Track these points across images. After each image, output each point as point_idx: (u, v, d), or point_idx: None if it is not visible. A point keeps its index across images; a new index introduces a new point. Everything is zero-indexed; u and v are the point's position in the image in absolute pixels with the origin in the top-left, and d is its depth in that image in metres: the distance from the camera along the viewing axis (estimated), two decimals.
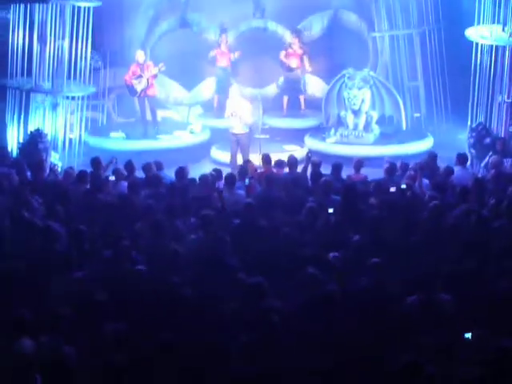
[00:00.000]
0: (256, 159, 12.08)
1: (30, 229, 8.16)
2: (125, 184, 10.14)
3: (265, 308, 6.34)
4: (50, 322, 6.16)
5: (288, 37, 16.30)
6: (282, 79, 16.31)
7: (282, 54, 15.96)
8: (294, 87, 16.18)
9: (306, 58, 15.89)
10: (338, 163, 10.71)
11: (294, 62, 15.96)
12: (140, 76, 14.60)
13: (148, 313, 6.43)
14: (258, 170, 11.18)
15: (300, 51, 15.90)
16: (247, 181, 10.25)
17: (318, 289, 6.59)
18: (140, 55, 14.84)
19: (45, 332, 6.09)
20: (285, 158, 11.26)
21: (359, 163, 10.93)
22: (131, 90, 14.81)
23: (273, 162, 11.08)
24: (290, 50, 15.93)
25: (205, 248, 7.81)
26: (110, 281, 7.04)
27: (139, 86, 14.63)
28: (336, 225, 8.46)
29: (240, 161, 13.25)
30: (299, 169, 11.05)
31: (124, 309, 6.48)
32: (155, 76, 14.73)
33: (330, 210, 8.73)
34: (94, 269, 7.33)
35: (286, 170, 10.93)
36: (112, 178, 10.51)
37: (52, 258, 7.45)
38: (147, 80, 14.60)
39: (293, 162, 10.98)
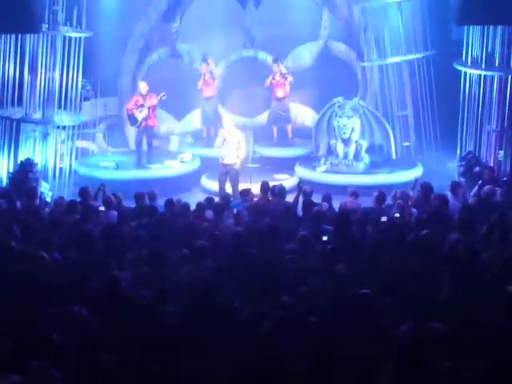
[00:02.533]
0: (253, 188, 12.00)
1: (19, 257, 8.09)
2: (115, 213, 10.11)
3: None
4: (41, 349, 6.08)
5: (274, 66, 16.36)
6: (268, 111, 16.37)
7: (268, 80, 15.94)
8: (281, 117, 16.24)
9: (287, 82, 15.81)
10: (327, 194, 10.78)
11: (279, 92, 16.01)
12: (142, 105, 14.61)
13: (142, 342, 6.36)
14: (255, 199, 11.15)
15: (282, 80, 15.91)
16: (235, 210, 10.23)
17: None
18: (143, 86, 14.82)
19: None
20: None
21: (356, 192, 11.00)
22: (132, 119, 14.80)
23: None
24: (273, 81, 15.94)
25: (199, 278, 7.76)
26: (102, 310, 6.98)
27: (140, 115, 14.63)
28: (331, 253, 8.40)
29: (229, 190, 13.25)
30: (291, 198, 11.04)
31: (116, 338, 6.41)
32: (156, 106, 14.75)
33: (324, 238, 8.70)
34: (86, 298, 7.27)
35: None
36: (102, 208, 10.49)
37: (42, 288, 7.38)
38: (148, 109, 14.61)
39: (282, 191, 10.98)
